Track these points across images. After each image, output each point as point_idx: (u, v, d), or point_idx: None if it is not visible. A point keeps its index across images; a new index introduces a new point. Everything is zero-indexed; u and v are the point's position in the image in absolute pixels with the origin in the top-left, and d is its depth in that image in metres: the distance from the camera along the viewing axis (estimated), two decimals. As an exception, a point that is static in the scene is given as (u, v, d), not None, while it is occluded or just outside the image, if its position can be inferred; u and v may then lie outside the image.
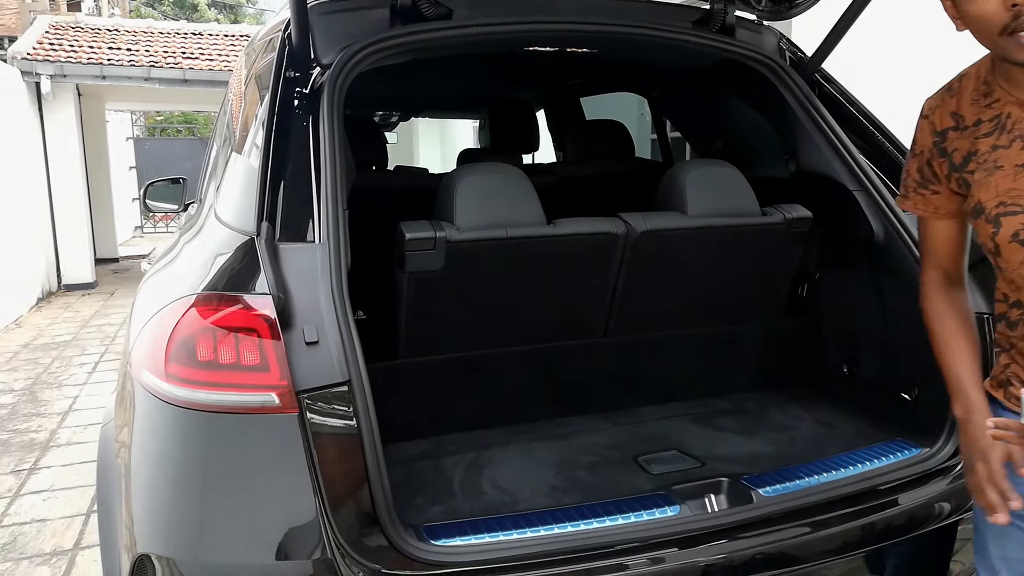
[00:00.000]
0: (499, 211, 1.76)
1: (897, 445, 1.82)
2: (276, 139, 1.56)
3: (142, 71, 9.26)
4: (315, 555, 1.25)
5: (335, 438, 1.32)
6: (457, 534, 1.43)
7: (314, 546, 1.26)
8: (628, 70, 2.84)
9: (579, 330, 2.00)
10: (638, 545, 1.43)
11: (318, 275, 1.41)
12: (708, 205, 1.93)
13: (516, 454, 1.86)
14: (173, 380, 1.29)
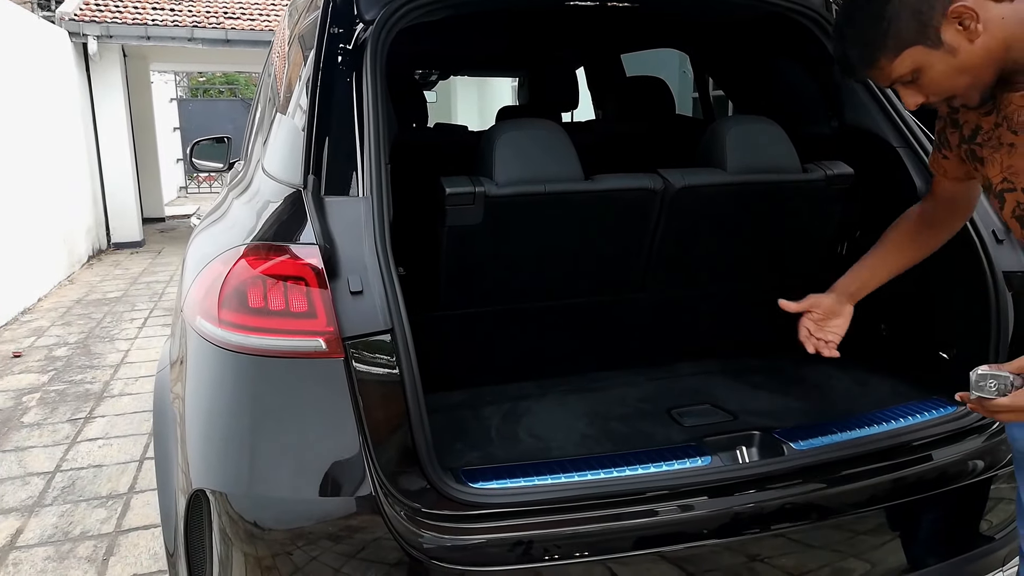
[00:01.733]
0: (537, 166, 1.78)
1: (933, 403, 1.82)
2: (321, 95, 1.60)
3: (185, 31, 9.37)
4: (359, 492, 1.32)
5: (378, 383, 1.37)
6: (494, 478, 1.48)
7: (358, 484, 1.32)
8: (670, 25, 2.81)
9: (615, 285, 2.03)
10: (668, 493, 1.47)
11: (361, 227, 1.45)
12: (748, 161, 1.92)
13: (551, 405, 1.90)
14: (226, 326, 1.35)
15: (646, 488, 1.46)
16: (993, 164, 1.24)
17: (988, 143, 1.25)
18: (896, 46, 1.13)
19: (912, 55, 1.13)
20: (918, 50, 1.13)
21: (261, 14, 10.52)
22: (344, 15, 1.75)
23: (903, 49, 1.13)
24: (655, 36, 3.25)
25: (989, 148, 1.25)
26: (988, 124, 1.25)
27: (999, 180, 1.23)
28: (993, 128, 1.24)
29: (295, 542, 1.33)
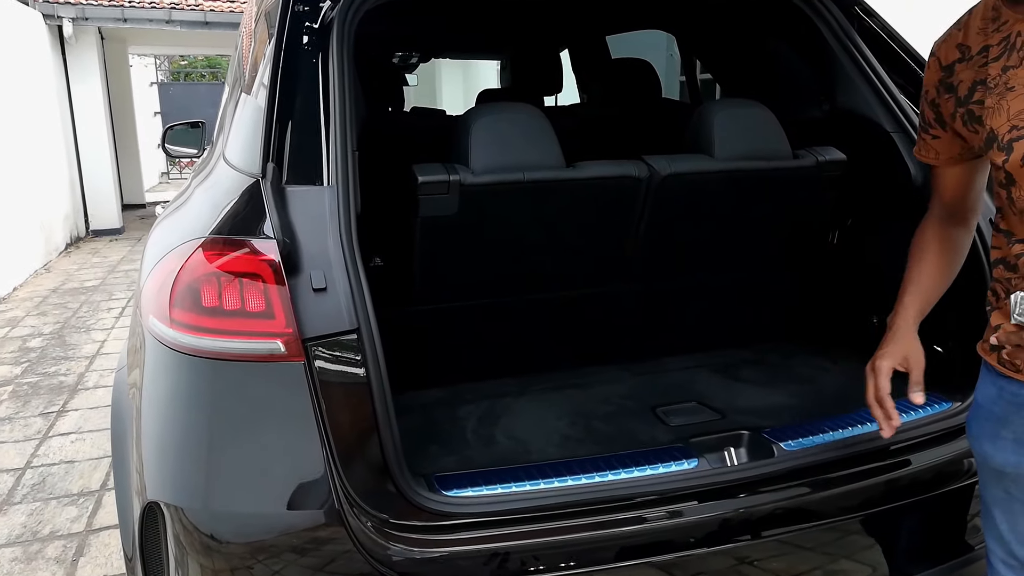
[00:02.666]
0: (516, 153, 1.69)
1: (928, 399, 1.75)
2: (283, 78, 1.50)
3: (163, 13, 9.17)
4: (323, 504, 1.23)
5: (343, 387, 1.28)
6: (468, 484, 1.40)
7: (322, 495, 1.23)
8: (656, 5, 2.71)
9: (599, 277, 1.94)
10: (654, 499, 1.39)
11: (326, 219, 1.36)
12: (737, 147, 1.84)
13: (532, 403, 1.82)
14: (178, 326, 1.26)
15: (631, 494, 1.38)
16: (999, 113, 1.15)
17: (995, 90, 1.16)
18: None
19: None
20: None
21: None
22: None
23: None
24: (641, 17, 3.15)
25: (995, 95, 1.16)
26: (995, 71, 1.16)
27: (1007, 129, 1.14)
28: (1001, 73, 1.15)
29: (255, 556, 1.25)
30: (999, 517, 1.28)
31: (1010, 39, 1.15)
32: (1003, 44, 1.16)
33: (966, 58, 1.23)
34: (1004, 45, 1.15)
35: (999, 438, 1.23)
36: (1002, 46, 1.16)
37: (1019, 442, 1.20)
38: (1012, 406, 1.20)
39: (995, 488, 1.27)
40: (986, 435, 1.27)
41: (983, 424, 1.27)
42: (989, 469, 1.28)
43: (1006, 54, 1.15)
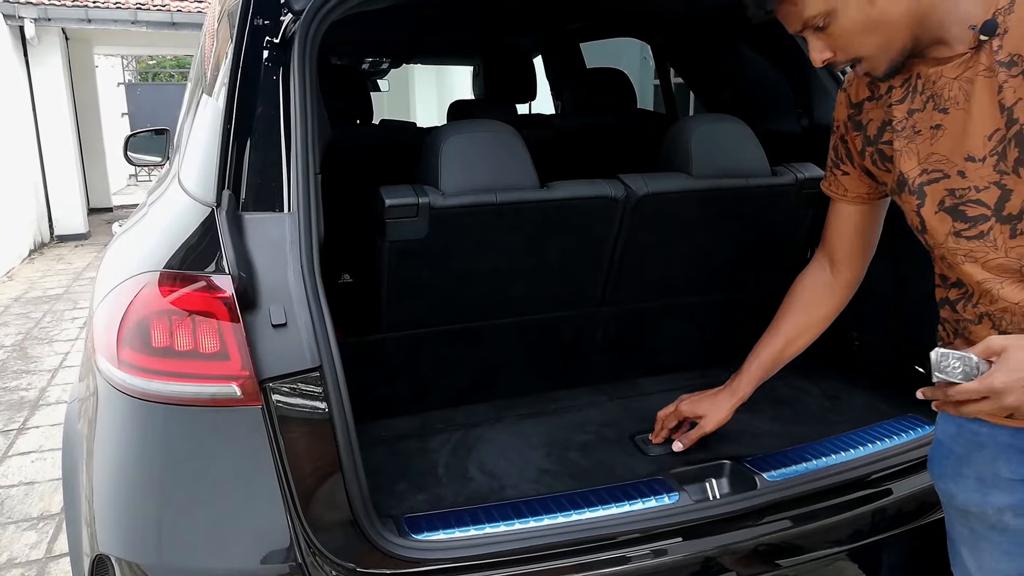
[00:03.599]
0: (488, 173, 1.62)
1: (909, 422, 1.72)
2: (241, 97, 1.41)
3: (128, 14, 8.97)
4: (284, 558, 1.16)
5: (305, 430, 1.21)
6: (441, 526, 1.33)
7: (283, 547, 1.16)
8: (633, 13, 2.65)
9: (574, 300, 1.88)
10: (636, 537, 1.34)
11: (286, 248, 1.28)
12: (715, 165, 1.79)
13: (506, 433, 1.75)
14: (126, 368, 1.18)
15: (613, 533, 1.33)
16: (909, 156, 1.13)
17: (902, 133, 1.14)
18: None
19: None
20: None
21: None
22: (269, 5, 1.56)
23: None
24: (617, 25, 3.10)
25: (903, 139, 1.13)
26: (900, 113, 1.14)
27: (917, 173, 1.12)
28: (907, 116, 1.13)
29: None
30: (966, 555, 1.25)
31: (911, 80, 1.12)
32: (905, 86, 1.13)
33: (875, 96, 1.20)
34: (907, 87, 1.12)
35: (961, 476, 1.21)
36: (905, 88, 1.13)
37: (981, 480, 1.17)
38: (972, 444, 1.17)
39: (961, 526, 1.24)
40: (948, 474, 1.23)
41: (944, 463, 1.24)
42: (953, 508, 1.25)
43: (910, 96, 1.12)
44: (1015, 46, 0.97)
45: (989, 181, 1.03)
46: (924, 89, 1.09)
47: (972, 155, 1.04)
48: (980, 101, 1.02)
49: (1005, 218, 1.03)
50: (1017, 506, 1.14)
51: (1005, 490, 1.15)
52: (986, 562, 1.21)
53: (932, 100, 1.08)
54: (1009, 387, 0.95)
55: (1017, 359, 0.96)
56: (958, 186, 1.07)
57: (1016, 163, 1.00)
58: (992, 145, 1.02)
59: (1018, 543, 1.16)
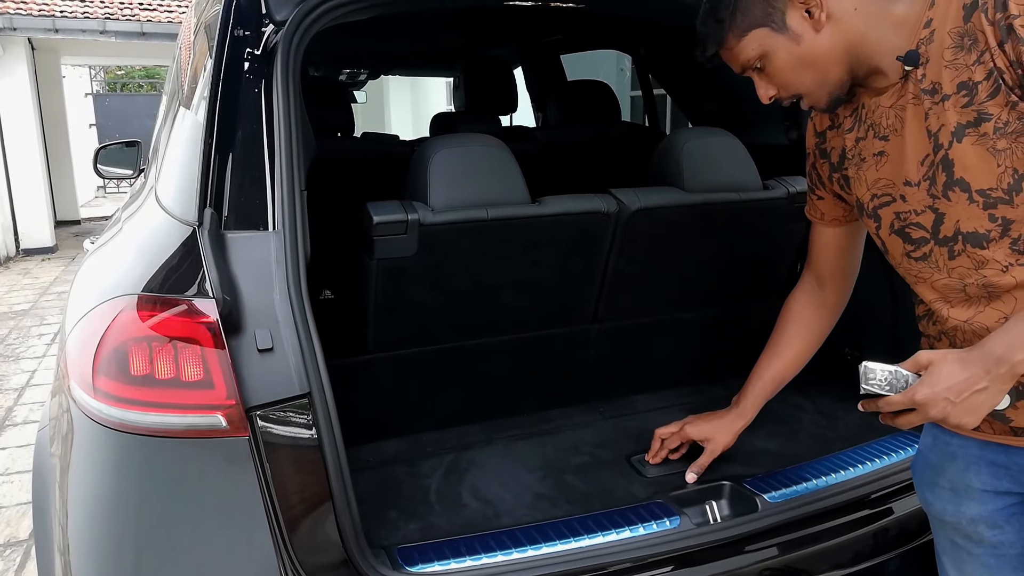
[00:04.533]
0: (478, 189, 1.57)
1: (907, 439, 1.70)
2: (222, 111, 1.35)
3: (97, 24, 8.82)
4: None
5: (294, 460, 1.15)
6: (435, 557, 1.28)
7: None
8: (616, 26, 2.63)
9: (566, 317, 1.84)
10: (637, 565, 1.29)
11: (272, 269, 1.23)
12: (707, 179, 1.76)
13: (499, 455, 1.70)
14: (102, 397, 1.11)
15: (613, 562, 1.28)
16: (859, 183, 1.19)
17: (851, 162, 1.20)
18: (743, 25, 1.10)
19: (758, 37, 1.10)
20: (764, 32, 1.09)
21: (179, 6, 10.00)
22: (251, 14, 1.50)
23: (750, 30, 1.10)
24: (599, 37, 3.08)
25: (853, 167, 1.20)
26: (851, 142, 1.19)
27: (869, 198, 1.17)
28: (855, 144, 1.18)
29: None
30: (948, 566, 1.27)
31: (858, 111, 1.17)
32: (854, 116, 1.18)
33: (835, 125, 1.25)
34: (854, 117, 1.18)
35: (937, 486, 1.24)
36: (853, 117, 1.18)
37: (954, 491, 1.20)
38: (945, 455, 1.20)
39: (942, 537, 1.27)
40: (926, 483, 1.27)
41: (923, 472, 1.28)
42: (933, 518, 1.28)
43: (857, 126, 1.18)
44: (935, 74, 1.01)
45: (924, 205, 1.08)
46: (866, 118, 1.15)
47: (909, 180, 1.09)
48: (911, 128, 1.06)
49: (942, 240, 1.07)
50: (989, 517, 1.16)
51: (977, 501, 1.17)
52: (967, 573, 1.22)
53: (872, 128, 1.14)
54: (931, 400, 1.00)
55: (940, 373, 1.00)
56: (902, 209, 1.12)
57: (944, 187, 1.03)
58: (924, 170, 1.06)
59: (996, 556, 1.18)
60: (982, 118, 0.97)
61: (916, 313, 1.21)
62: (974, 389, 0.98)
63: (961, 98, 0.99)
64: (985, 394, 0.98)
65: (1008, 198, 0.98)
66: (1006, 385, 0.98)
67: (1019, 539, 1.16)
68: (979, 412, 1.00)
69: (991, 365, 0.97)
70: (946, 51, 1.00)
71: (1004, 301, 1.03)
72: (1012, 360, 0.96)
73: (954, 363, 1.00)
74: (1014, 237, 1.00)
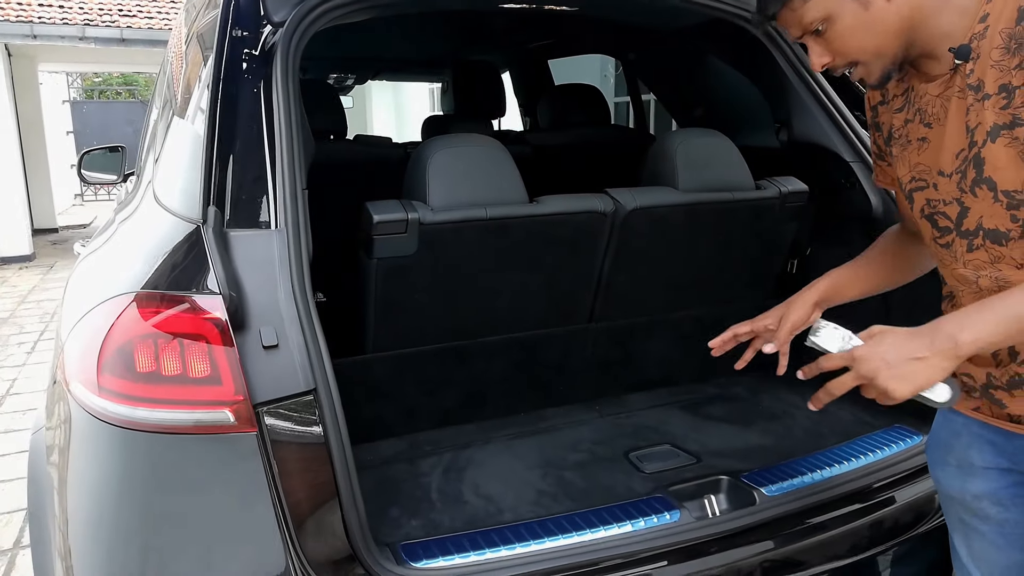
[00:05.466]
0: (477, 189, 1.59)
1: (897, 432, 1.73)
2: (223, 111, 1.36)
3: (76, 30, 8.71)
4: None
5: (300, 456, 1.15)
6: (439, 553, 1.28)
7: None
8: (605, 30, 2.66)
9: (563, 316, 1.85)
10: (640, 558, 1.30)
11: (275, 267, 1.23)
12: (700, 179, 1.79)
13: (498, 453, 1.71)
14: (107, 395, 1.10)
15: (615, 555, 1.29)
16: (902, 163, 1.21)
17: (897, 141, 1.22)
18: None
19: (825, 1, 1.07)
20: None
21: (160, 12, 9.92)
22: (249, 16, 1.51)
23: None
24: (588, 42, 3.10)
25: (898, 147, 1.22)
26: (899, 122, 1.21)
27: (908, 179, 1.20)
28: (903, 125, 1.20)
29: None
30: (959, 543, 1.30)
31: (908, 93, 1.18)
32: (904, 96, 1.20)
33: (885, 101, 1.26)
34: (904, 97, 1.19)
35: (946, 464, 1.27)
36: (904, 98, 1.20)
37: (961, 468, 1.24)
38: (952, 432, 1.24)
39: (952, 514, 1.30)
40: (937, 461, 1.31)
41: (934, 451, 1.31)
42: (943, 495, 1.32)
43: (906, 107, 1.19)
44: (981, 71, 1.03)
45: (952, 196, 1.10)
46: (915, 102, 1.16)
47: (943, 170, 1.10)
48: (953, 120, 1.08)
49: (963, 232, 1.10)
50: (993, 495, 1.19)
51: (980, 478, 1.21)
52: (976, 552, 1.26)
53: (919, 114, 1.15)
54: (867, 356, 1.02)
55: (885, 337, 1.03)
56: (933, 197, 1.14)
57: (973, 183, 1.06)
58: (958, 163, 1.08)
59: (1003, 534, 1.21)
60: (1016, 122, 0.99)
61: (942, 293, 1.23)
62: (913, 356, 0.99)
63: (1000, 99, 1.01)
64: (922, 364, 0.99)
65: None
66: (947, 363, 0.99)
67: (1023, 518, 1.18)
68: (910, 381, 1.00)
69: (937, 339, 0.99)
70: (994, 50, 1.01)
71: None
72: (957, 339, 0.98)
73: (903, 332, 1.03)
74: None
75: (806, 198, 1.90)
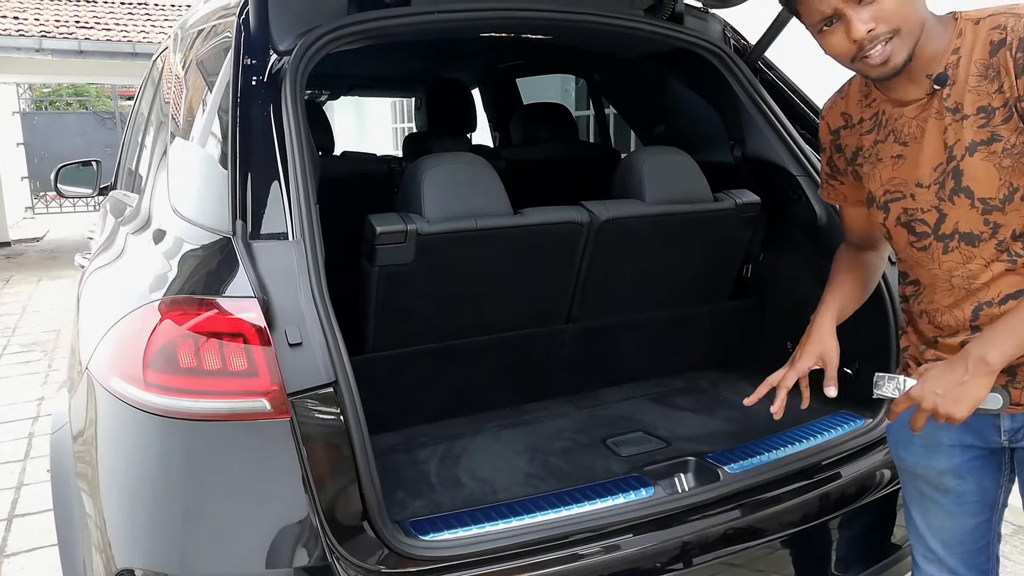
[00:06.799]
0: (467, 201, 1.76)
1: (843, 417, 1.93)
2: (242, 133, 1.50)
3: (32, 41, 8.65)
4: (313, 561, 1.24)
5: (324, 440, 1.30)
6: (444, 528, 1.44)
7: (311, 552, 1.24)
8: (574, 54, 2.86)
9: (544, 317, 2.03)
10: (624, 527, 1.48)
11: (295, 273, 1.38)
12: (665, 192, 1.98)
13: (488, 442, 1.87)
14: (153, 388, 1.24)
15: (600, 525, 1.46)
16: (874, 179, 1.36)
17: (868, 160, 1.37)
18: None
19: None
20: None
21: (117, 23, 9.88)
22: (257, 45, 1.66)
23: None
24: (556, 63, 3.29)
25: (868, 165, 1.36)
26: (868, 142, 1.36)
27: (881, 193, 1.35)
28: (873, 145, 1.35)
29: None
30: (916, 514, 1.50)
31: (878, 116, 1.34)
32: (873, 119, 1.35)
33: (849, 125, 1.42)
34: (874, 120, 1.35)
35: (911, 444, 1.45)
36: (873, 121, 1.36)
37: (927, 447, 1.43)
38: None
39: (911, 488, 1.50)
40: (901, 441, 1.49)
41: (899, 431, 1.49)
42: (904, 471, 1.51)
43: (876, 129, 1.36)
44: (959, 96, 1.21)
45: (931, 205, 1.27)
46: (887, 124, 1.32)
47: (921, 182, 1.28)
48: (930, 138, 1.25)
49: (940, 236, 1.28)
50: (955, 469, 1.40)
51: (945, 455, 1.40)
52: (933, 521, 1.46)
53: (894, 134, 1.31)
54: (922, 395, 1.24)
55: (930, 374, 1.25)
56: (910, 206, 1.31)
57: (951, 192, 1.24)
58: (935, 175, 1.26)
59: (959, 504, 1.41)
60: (994, 139, 1.17)
61: (903, 292, 1.42)
62: (958, 383, 1.20)
63: (979, 119, 1.19)
64: (967, 387, 1.20)
65: (1001, 206, 1.20)
66: (986, 379, 1.20)
67: (978, 488, 1.40)
68: (964, 403, 1.20)
69: (971, 363, 1.19)
70: (971, 77, 1.18)
71: (978, 294, 1.26)
72: (987, 358, 1.18)
73: (942, 366, 1.24)
74: (1000, 239, 1.22)
75: (759, 209, 2.10)
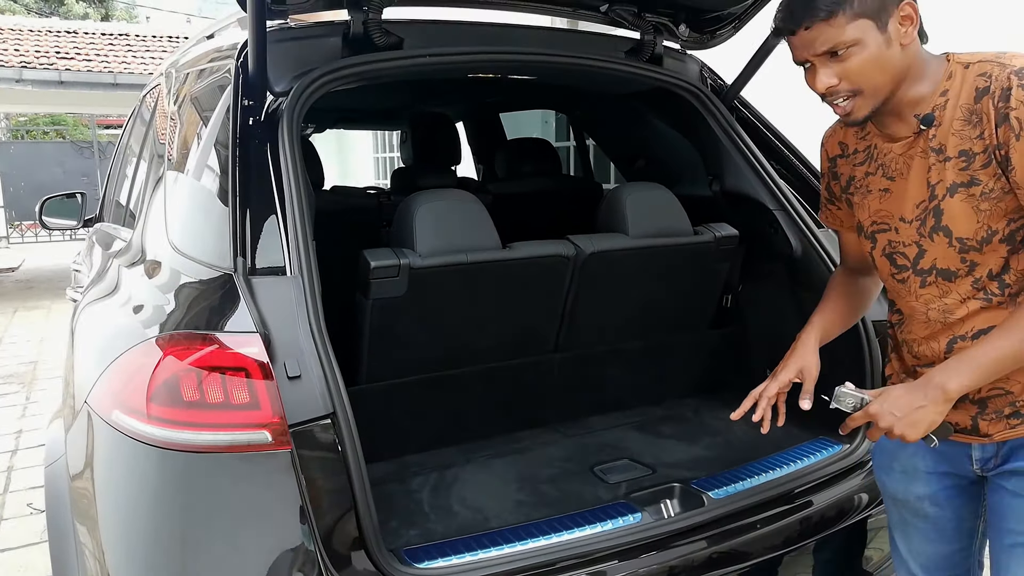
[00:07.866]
0: (458, 237, 1.82)
1: (820, 443, 1.99)
2: (241, 172, 1.56)
3: (13, 72, 8.67)
4: None
5: (323, 471, 1.34)
6: (438, 555, 1.47)
7: None
8: (558, 92, 2.95)
9: (531, 347, 2.09)
10: (614, 552, 1.52)
11: (294, 308, 1.42)
12: (647, 226, 2.06)
13: (478, 471, 1.91)
14: (155, 421, 1.27)
15: (593, 550, 1.51)
16: (862, 209, 1.41)
17: (859, 190, 1.42)
18: (859, 10, 1.18)
19: (864, 27, 1.19)
20: (870, 24, 1.19)
21: (98, 54, 9.91)
22: (255, 87, 1.72)
23: (861, 17, 1.18)
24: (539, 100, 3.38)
25: (859, 195, 1.41)
26: (860, 173, 1.42)
27: (869, 223, 1.41)
28: (864, 176, 1.41)
29: None
30: (898, 538, 1.55)
31: (871, 149, 1.40)
32: (866, 152, 1.41)
33: (845, 155, 1.47)
34: (867, 153, 1.42)
35: (892, 469, 1.51)
36: (865, 153, 1.43)
37: (905, 473, 1.48)
38: (898, 444, 1.42)
39: (894, 513, 1.55)
40: (882, 466, 1.55)
41: (881, 456, 1.55)
42: (887, 496, 1.56)
43: (868, 161, 1.42)
44: (943, 137, 1.26)
45: (912, 240, 1.34)
46: (878, 158, 1.38)
47: (904, 217, 1.34)
48: (915, 176, 1.31)
49: (919, 271, 1.34)
50: (932, 496, 1.45)
51: (923, 482, 1.45)
52: (913, 545, 1.51)
53: (882, 168, 1.37)
54: (880, 414, 1.28)
55: (891, 394, 1.29)
56: (894, 239, 1.37)
57: (931, 230, 1.30)
58: (918, 212, 1.31)
59: (937, 530, 1.47)
60: (974, 182, 1.23)
61: (890, 320, 1.47)
62: (915, 407, 1.25)
63: (961, 162, 1.23)
64: (923, 412, 1.25)
65: (979, 247, 1.25)
66: (942, 407, 1.25)
67: (955, 516, 1.46)
68: (919, 427, 1.25)
69: (929, 389, 1.24)
70: (956, 121, 1.23)
71: (953, 328, 1.31)
72: (946, 387, 1.23)
73: (903, 388, 1.29)
74: (976, 276, 1.27)
75: (737, 241, 2.18)
